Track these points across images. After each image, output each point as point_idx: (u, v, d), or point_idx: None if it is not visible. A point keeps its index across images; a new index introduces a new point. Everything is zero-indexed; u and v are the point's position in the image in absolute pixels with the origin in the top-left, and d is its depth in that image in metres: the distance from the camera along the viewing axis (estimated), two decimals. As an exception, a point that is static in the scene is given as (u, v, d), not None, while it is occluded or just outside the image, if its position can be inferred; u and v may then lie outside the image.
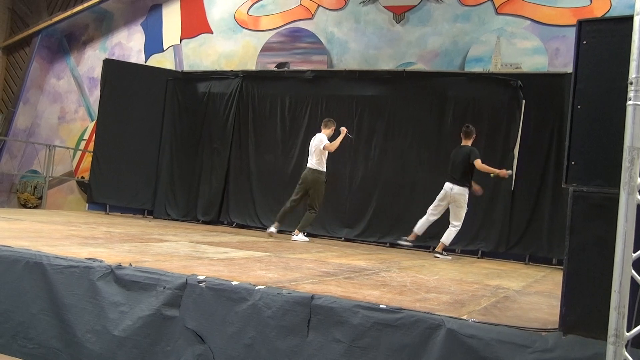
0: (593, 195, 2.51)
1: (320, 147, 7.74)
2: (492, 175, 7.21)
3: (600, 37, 2.63)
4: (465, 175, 7.27)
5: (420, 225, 7.48)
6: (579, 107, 2.65)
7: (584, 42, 2.67)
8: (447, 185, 7.32)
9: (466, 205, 7.28)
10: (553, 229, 7.72)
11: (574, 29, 2.71)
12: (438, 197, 7.40)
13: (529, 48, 8.76)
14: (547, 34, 8.64)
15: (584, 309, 2.45)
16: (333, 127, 7.95)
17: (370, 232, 8.80)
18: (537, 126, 8.05)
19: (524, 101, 8.15)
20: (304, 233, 7.95)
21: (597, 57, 2.63)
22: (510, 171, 7.42)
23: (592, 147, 2.58)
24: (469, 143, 7.43)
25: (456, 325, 2.56)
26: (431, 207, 7.46)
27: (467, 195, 7.28)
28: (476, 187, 7.36)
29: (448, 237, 7.27)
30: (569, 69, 7.79)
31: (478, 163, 7.18)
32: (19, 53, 12.53)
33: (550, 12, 8.67)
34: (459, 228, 7.30)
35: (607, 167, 2.49)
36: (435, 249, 7.34)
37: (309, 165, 7.87)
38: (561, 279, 2.60)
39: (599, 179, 2.52)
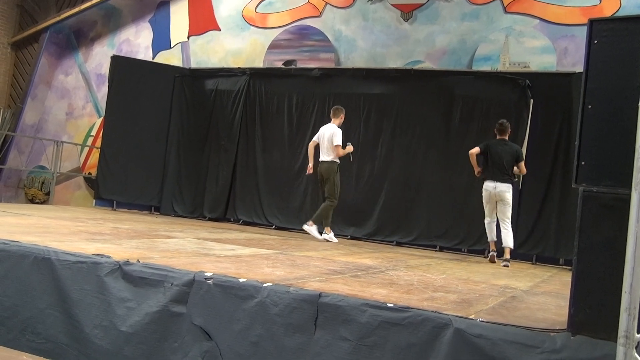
0: (603, 195, 2.50)
1: (332, 143, 7.68)
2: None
3: (612, 37, 2.61)
4: (511, 171, 7.01)
5: (493, 233, 7.09)
6: (589, 106, 2.63)
7: (595, 42, 2.65)
8: (491, 184, 6.95)
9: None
10: (560, 229, 7.69)
11: (583, 28, 2.71)
12: (485, 201, 7.03)
13: (538, 47, 8.71)
14: (556, 33, 8.59)
15: (593, 309, 2.44)
16: (342, 115, 7.92)
17: (376, 230, 8.79)
18: (545, 125, 8.01)
19: (532, 100, 8.12)
20: (328, 231, 7.79)
21: (608, 57, 2.61)
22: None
23: (602, 147, 2.56)
24: (506, 138, 7.12)
25: (464, 325, 2.55)
26: (487, 213, 7.06)
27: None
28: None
29: (510, 239, 6.88)
30: (578, 68, 7.85)
31: (523, 165, 7.02)
32: (27, 49, 12.58)
33: (559, 11, 8.62)
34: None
35: (618, 167, 2.47)
36: (504, 258, 6.76)
37: (322, 159, 7.80)
38: (569, 279, 2.58)
39: (609, 179, 2.50)
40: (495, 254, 6.96)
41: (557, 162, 7.90)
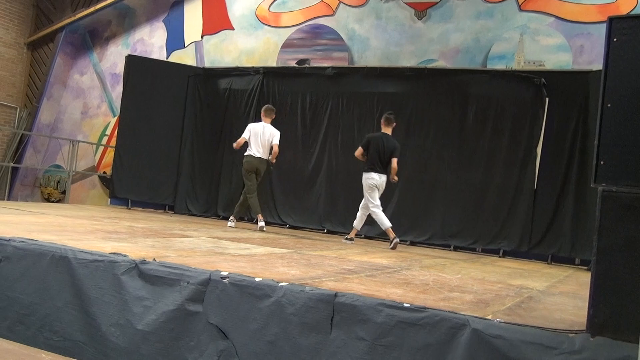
0: (623, 195, 2.47)
1: (273, 143, 8.00)
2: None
3: (632, 34, 2.58)
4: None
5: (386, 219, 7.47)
6: (608, 105, 2.60)
7: (615, 39, 2.62)
8: (376, 175, 7.30)
9: None
10: (576, 228, 7.63)
11: (599, 26, 2.69)
12: (371, 189, 7.36)
13: (553, 45, 8.64)
14: (572, 30, 8.51)
15: (612, 310, 2.41)
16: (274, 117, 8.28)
17: (390, 229, 8.75)
18: (561, 124, 7.95)
19: (547, 99, 8.05)
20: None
21: (628, 55, 2.58)
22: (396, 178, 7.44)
23: (622, 146, 2.53)
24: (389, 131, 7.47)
25: (481, 325, 2.54)
26: (374, 199, 7.39)
27: None
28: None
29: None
30: (594, 66, 7.78)
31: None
32: (43, 49, 12.69)
33: (574, 8, 8.54)
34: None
35: (638, 166, 2.44)
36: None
37: (260, 155, 8.00)
38: (585, 279, 2.57)
39: (629, 179, 2.48)
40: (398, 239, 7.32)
41: (572, 162, 7.83)
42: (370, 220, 8.89)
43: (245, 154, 8.10)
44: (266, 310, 2.91)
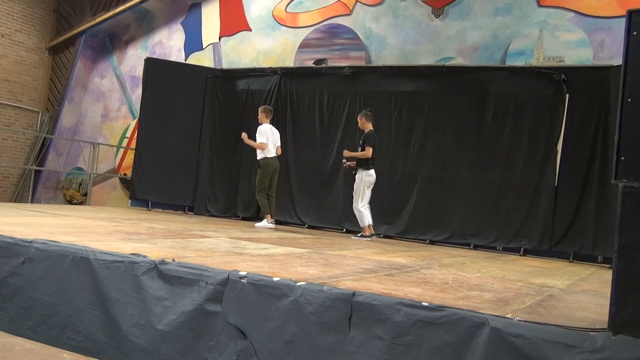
0: (644, 191, 2.43)
1: (279, 144, 8.51)
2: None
3: (652, 28, 2.54)
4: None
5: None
6: (629, 100, 2.56)
7: (635, 33, 2.58)
8: (374, 172, 7.82)
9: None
10: (598, 226, 7.53)
11: (619, 20, 2.65)
12: (369, 187, 7.81)
13: (573, 41, 8.53)
14: (592, 25, 8.39)
15: (635, 308, 2.37)
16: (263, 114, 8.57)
17: (409, 229, 8.73)
18: (582, 120, 7.85)
19: (567, 95, 7.96)
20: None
21: (649, 49, 2.54)
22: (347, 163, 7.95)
23: (643, 142, 2.49)
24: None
25: (501, 324, 2.51)
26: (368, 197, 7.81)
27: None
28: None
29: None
30: (615, 61, 7.66)
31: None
32: (64, 53, 12.88)
33: (594, 3, 8.42)
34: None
35: (659, 162, 2.40)
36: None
37: (276, 156, 8.41)
38: (608, 277, 2.52)
39: (651, 175, 2.43)
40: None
41: (594, 158, 7.73)
42: (389, 219, 8.91)
43: (264, 156, 8.20)
44: (284, 310, 2.91)
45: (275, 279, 3.04)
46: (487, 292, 3.59)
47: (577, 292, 4.18)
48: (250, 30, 11.15)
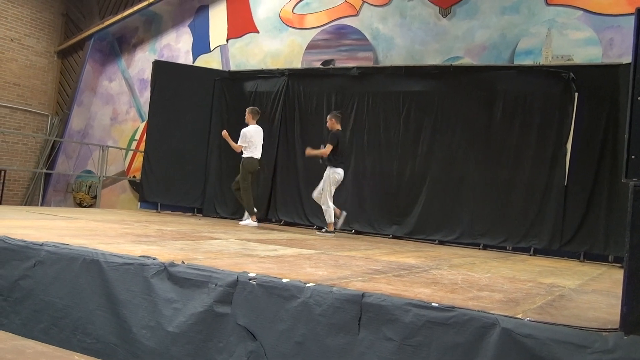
0: (655, 190, 2.41)
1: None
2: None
3: (662, 25, 2.52)
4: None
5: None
6: (639, 98, 2.54)
7: (644, 31, 2.56)
8: (341, 170, 8.21)
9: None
10: (609, 225, 7.47)
11: (629, 18, 2.62)
12: (335, 185, 8.20)
13: (582, 39, 8.48)
14: (601, 24, 8.34)
15: (646, 308, 2.36)
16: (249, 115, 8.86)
17: (418, 229, 8.70)
18: (591, 119, 7.79)
19: (576, 94, 7.90)
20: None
21: (658, 46, 2.52)
22: None
23: (653, 140, 2.47)
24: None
25: (511, 325, 2.50)
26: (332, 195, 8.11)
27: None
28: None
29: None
30: (624, 59, 7.61)
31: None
32: (72, 57, 12.96)
33: (603, 1, 8.36)
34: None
35: (670, 160, 2.38)
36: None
37: (259, 156, 8.76)
38: (619, 276, 2.50)
39: (661, 174, 2.42)
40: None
41: (604, 157, 7.67)
42: (398, 220, 8.89)
43: (251, 156, 8.58)
44: (294, 311, 2.91)
45: (284, 280, 3.04)
46: (497, 292, 3.58)
47: (588, 292, 4.16)
48: (258, 32, 11.17)
